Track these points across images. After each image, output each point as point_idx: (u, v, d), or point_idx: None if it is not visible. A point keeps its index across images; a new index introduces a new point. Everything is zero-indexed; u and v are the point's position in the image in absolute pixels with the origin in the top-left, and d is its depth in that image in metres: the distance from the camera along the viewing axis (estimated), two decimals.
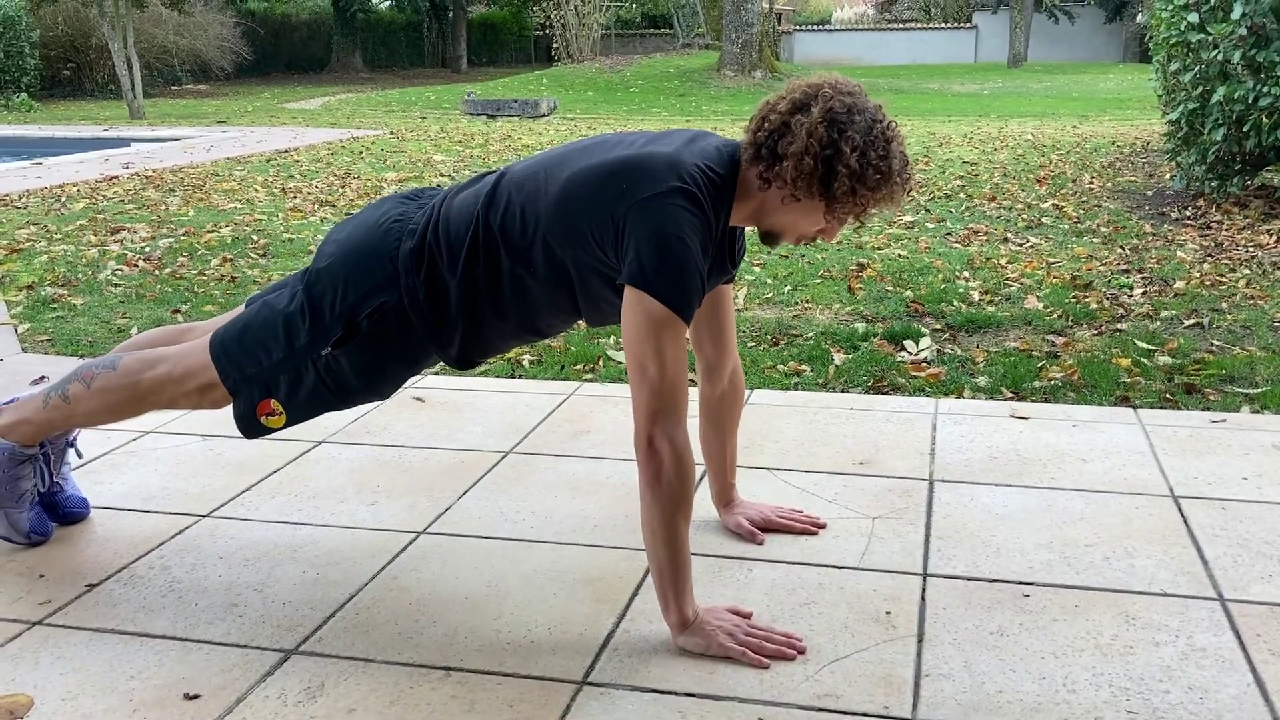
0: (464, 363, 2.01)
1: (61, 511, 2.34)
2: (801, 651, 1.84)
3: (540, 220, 1.84)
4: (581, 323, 2.01)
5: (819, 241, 1.96)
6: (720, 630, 1.84)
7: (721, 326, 2.16)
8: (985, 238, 5.63)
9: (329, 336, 1.92)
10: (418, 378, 3.39)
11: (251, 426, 2.04)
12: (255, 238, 5.87)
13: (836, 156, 1.75)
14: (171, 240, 5.81)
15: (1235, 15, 5.67)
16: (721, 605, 1.94)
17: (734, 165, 1.87)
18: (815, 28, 32.17)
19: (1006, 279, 4.67)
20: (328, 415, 3.00)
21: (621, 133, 1.98)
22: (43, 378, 3.44)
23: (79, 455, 2.43)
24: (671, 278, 1.75)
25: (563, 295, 1.89)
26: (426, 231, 1.91)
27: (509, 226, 1.86)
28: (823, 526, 2.30)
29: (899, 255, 5.21)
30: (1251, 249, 5.20)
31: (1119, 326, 3.94)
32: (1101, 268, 4.88)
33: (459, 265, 1.88)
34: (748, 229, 1.99)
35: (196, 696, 1.73)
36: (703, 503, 2.37)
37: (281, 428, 2.03)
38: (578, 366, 3.57)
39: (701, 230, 1.79)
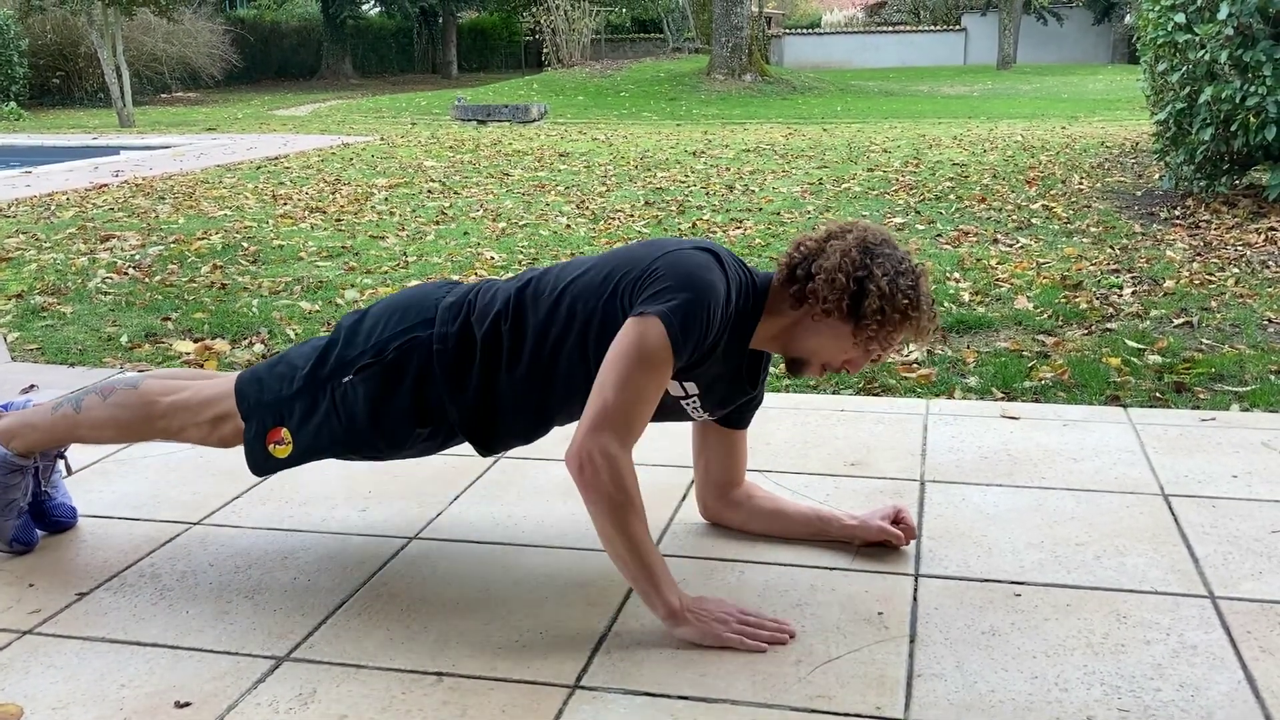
0: (476, 436, 2.03)
1: (49, 520, 2.33)
2: (792, 635, 1.87)
3: (572, 283, 1.94)
4: None
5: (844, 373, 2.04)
6: (712, 620, 1.86)
7: (735, 464, 2.24)
8: (975, 239, 5.64)
9: (356, 364, 1.97)
10: None
11: (258, 455, 2.05)
12: (245, 245, 5.86)
13: (868, 277, 1.84)
14: (161, 248, 5.80)
15: (1222, 15, 5.70)
16: (709, 596, 1.95)
17: (766, 282, 1.98)
18: (805, 31, 32.22)
19: (996, 280, 4.68)
20: None
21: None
22: (32, 386, 3.43)
23: (69, 470, 2.42)
24: (678, 314, 1.79)
25: (578, 362, 1.91)
26: (468, 293, 2.03)
27: (540, 295, 1.96)
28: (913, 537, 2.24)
29: None
30: (1240, 248, 5.22)
31: (1109, 326, 3.95)
32: (1091, 268, 4.89)
33: (486, 323, 1.96)
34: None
35: (187, 704, 1.72)
36: (694, 504, 2.38)
37: (287, 459, 2.05)
38: None
39: (721, 297, 1.85)
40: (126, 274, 5.17)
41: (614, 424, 1.80)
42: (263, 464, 2.07)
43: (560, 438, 2.87)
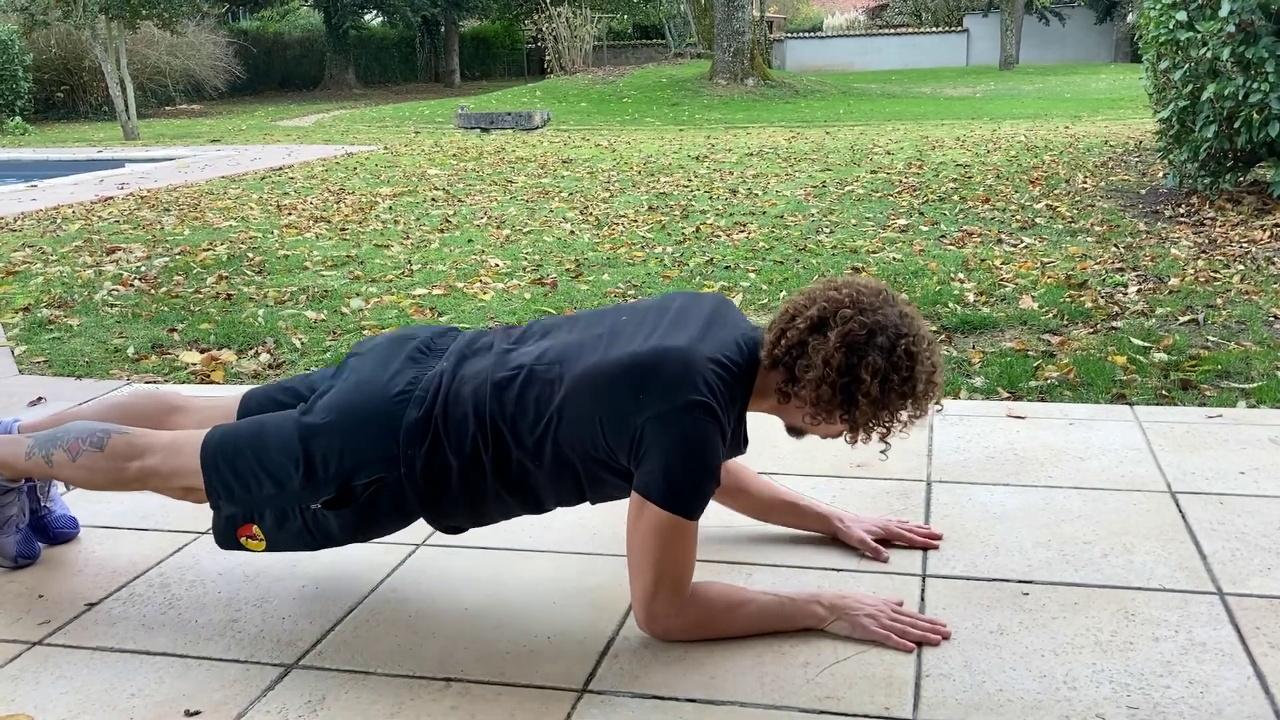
0: (454, 532, 2.02)
1: (51, 533, 2.34)
2: (946, 637, 1.86)
3: (552, 420, 1.81)
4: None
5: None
6: (864, 615, 1.86)
7: (737, 483, 2.23)
8: (979, 239, 5.64)
9: (320, 494, 1.88)
10: None
11: (229, 541, 2.00)
12: (250, 255, 5.88)
13: (855, 384, 1.72)
14: (167, 259, 5.82)
15: (1223, 12, 5.69)
16: (852, 592, 1.95)
17: (754, 361, 1.83)
18: (807, 34, 32.23)
19: (1001, 280, 4.67)
20: None
21: (638, 305, 1.94)
22: (40, 399, 3.45)
23: (68, 486, 2.42)
24: (686, 493, 1.75)
25: (569, 485, 1.88)
26: (434, 406, 1.86)
27: (520, 422, 1.83)
28: (939, 537, 2.24)
29: (894, 258, 5.22)
30: (1245, 245, 5.21)
31: (1114, 324, 3.94)
32: (1096, 266, 4.88)
33: (465, 449, 1.84)
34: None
35: (197, 713, 1.73)
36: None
37: (261, 551, 1.99)
38: None
39: (719, 437, 1.76)
40: (132, 286, 5.18)
41: (667, 592, 1.80)
42: (232, 547, 2.01)
43: None
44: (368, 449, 1.86)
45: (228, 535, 1.99)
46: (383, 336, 2.06)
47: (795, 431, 1.94)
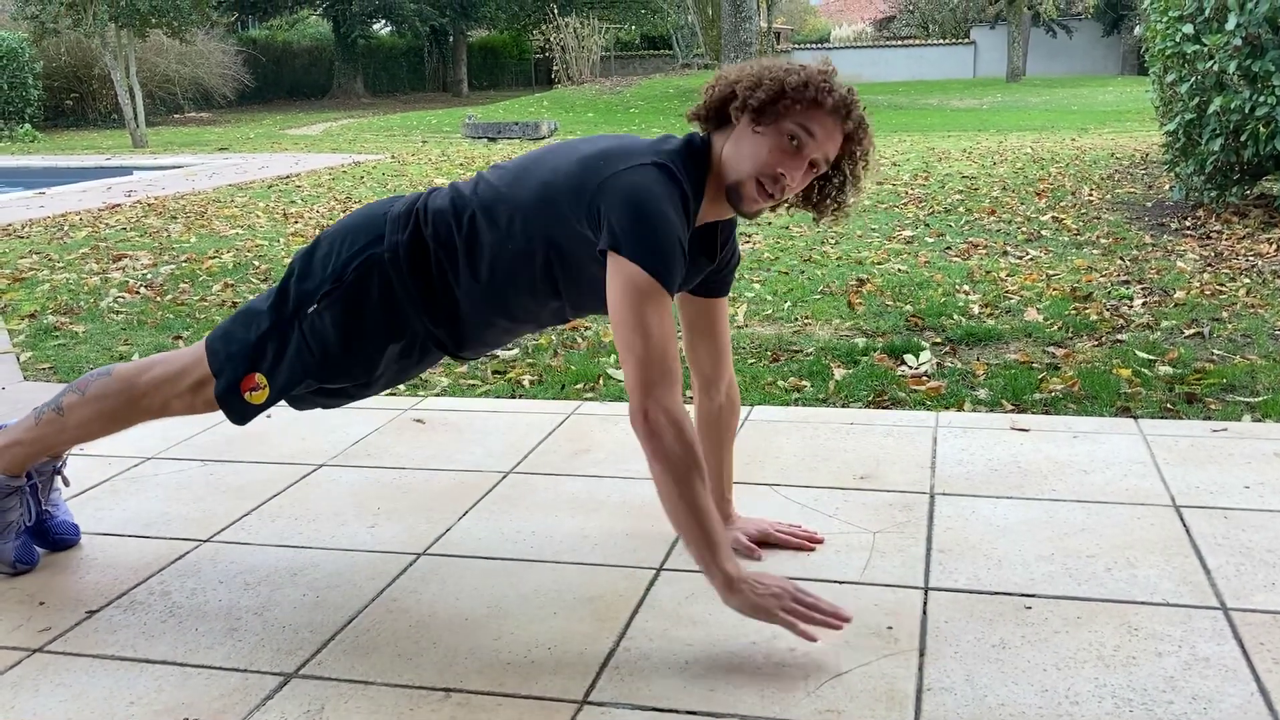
0: (454, 344, 2.05)
1: (51, 538, 2.34)
2: (847, 619, 1.84)
3: (520, 204, 1.91)
4: (568, 314, 2.04)
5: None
6: (768, 596, 1.83)
7: (717, 340, 2.19)
8: (985, 251, 5.63)
9: (318, 293, 1.98)
10: (417, 399, 3.39)
11: (235, 405, 2.05)
12: (257, 263, 5.89)
13: (775, 82, 1.86)
14: (173, 267, 5.83)
15: (1230, 26, 5.69)
16: (770, 574, 1.91)
17: (704, 148, 1.95)
18: (814, 46, 32.28)
19: (1006, 292, 4.67)
20: (329, 435, 3.01)
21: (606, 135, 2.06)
22: None
23: (66, 483, 2.42)
24: (650, 243, 1.79)
25: (541, 271, 1.93)
26: (416, 200, 2.02)
27: (492, 209, 1.93)
28: (820, 542, 2.29)
29: (898, 270, 5.21)
30: (1251, 258, 5.20)
31: (1119, 337, 3.93)
32: (1101, 279, 4.88)
33: (441, 232, 1.96)
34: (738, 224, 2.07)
35: None
36: None
37: (265, 403, 2.05)
38: (578, 385, 3.57)
39: (678, 201, 1.84)
40: (138, 293, 5.20)
41: (658, 376, 1.79)
42: (242, 413, 2.07)
43: (567, 454, 2.88)
44: (360, 237, 1.99)
45: (233, 396, 2.04)
46: None
47: (736, 198, 1.92)
